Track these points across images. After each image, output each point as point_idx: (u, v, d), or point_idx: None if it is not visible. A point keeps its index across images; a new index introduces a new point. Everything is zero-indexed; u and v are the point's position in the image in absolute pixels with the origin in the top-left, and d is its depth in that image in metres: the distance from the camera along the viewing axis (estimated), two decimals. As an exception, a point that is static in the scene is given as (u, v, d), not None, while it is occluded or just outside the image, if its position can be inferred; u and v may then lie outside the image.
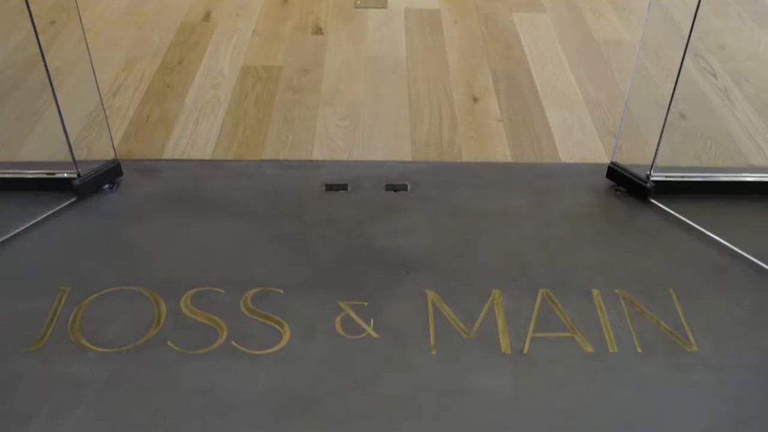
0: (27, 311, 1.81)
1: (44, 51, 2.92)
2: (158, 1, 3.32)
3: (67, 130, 2.13)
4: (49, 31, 3.03)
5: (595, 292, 1.88)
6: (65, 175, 2.19)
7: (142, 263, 1.96)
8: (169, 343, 1.74)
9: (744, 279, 1.94)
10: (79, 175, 2.18)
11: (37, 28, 2.04)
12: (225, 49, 2.93)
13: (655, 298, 1.87)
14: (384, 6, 3.26)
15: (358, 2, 3.29)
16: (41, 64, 2.11)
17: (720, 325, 1.81)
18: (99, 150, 2.36)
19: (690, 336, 1.78)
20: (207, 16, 3.18)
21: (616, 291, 1.88)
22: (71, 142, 2.28)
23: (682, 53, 2.07)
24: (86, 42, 2.32)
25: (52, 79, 2.67)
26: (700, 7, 1.97)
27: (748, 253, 2.01)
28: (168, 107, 2.58)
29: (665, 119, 2.15)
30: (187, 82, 2.72)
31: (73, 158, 2.17)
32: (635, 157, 2.38)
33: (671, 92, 2.11)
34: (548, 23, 3.18)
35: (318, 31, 3.07)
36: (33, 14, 1.93)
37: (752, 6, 3.37)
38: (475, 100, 2.63)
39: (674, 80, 2.09)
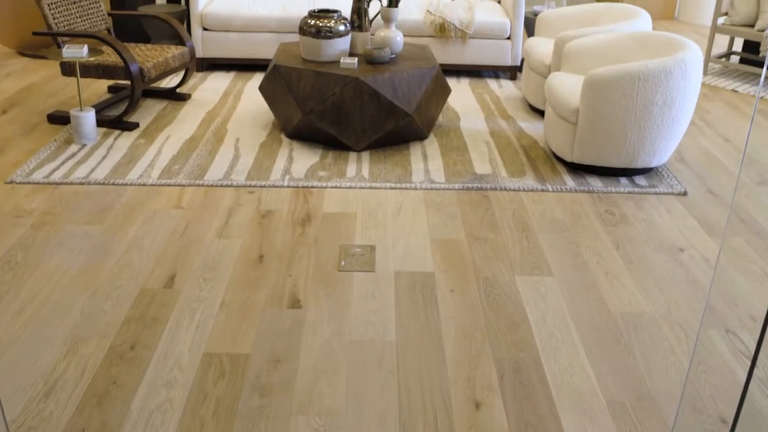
0: None
1: (-21, 323, 2.54)
2: (118, 259, 2.96)
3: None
4: (-12, 299, 2.65)
5: None
6: None
7: None
8: None
9: None
10: None
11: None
12: (186, 329, 2.52)
13: None
14: (371, 269, 2.89)
15: (343, 263, 2.91)
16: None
17: None
18: (15, 483, 1.91)
19: None
20: (170, 281, 2.80)
21: None
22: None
23: (748, 373, 1.68)
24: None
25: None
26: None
27: None
28: (110, 415, 2.14)
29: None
30: (137, 376, 2.29)
31: None
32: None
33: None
34: (557, 291, 2.81)
35: (295, 302, 2.68)
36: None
37: (781, 267, 3.04)
38: (478, 405, 2.21)
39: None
